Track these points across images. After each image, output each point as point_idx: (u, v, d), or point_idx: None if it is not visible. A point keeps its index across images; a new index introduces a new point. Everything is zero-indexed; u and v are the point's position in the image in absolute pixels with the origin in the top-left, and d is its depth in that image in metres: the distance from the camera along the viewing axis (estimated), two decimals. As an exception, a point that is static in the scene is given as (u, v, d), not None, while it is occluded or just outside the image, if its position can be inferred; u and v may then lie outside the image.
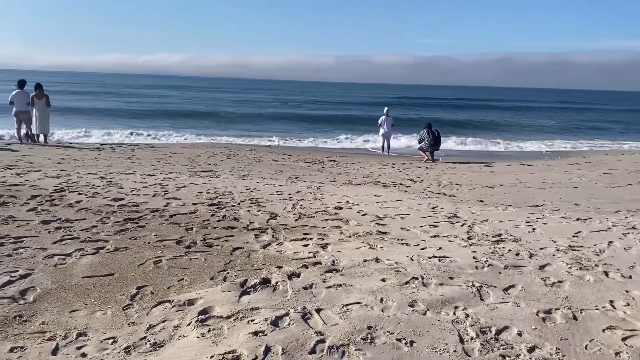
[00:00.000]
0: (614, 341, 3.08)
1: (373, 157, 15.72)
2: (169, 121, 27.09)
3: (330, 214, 6.45)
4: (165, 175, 9.13)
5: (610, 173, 12.24)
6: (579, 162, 14.86)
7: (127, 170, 9.62)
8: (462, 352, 2.87)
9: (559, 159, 16.36)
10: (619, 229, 6.15)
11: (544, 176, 11.80)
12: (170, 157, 12.19)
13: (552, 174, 12.19)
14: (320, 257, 4.62)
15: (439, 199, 8.13)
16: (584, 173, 12.31)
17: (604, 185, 10.51)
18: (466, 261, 4.59)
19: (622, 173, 12.21)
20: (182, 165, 10.91)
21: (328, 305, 3.49)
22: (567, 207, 7.82)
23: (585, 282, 4.16)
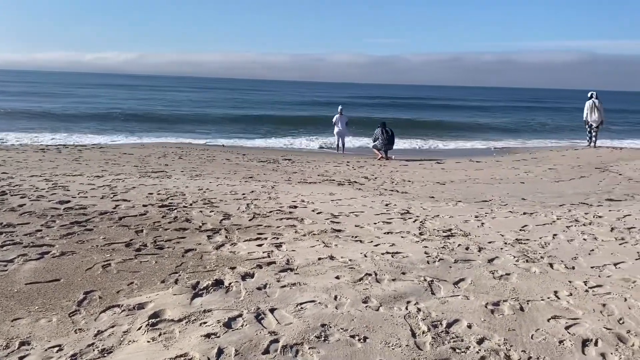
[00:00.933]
0: (558, 330, 3.20)
1: (328, 156, 15.79)
2: (117, 123, 26.16)
3: (285, 213, 6.43)
4: (114, 176, 8.87)
5: (555, 168, 12.72)
6: (525, 158, 15.37)
7: (74, 172, 9.30)
8: (414, 346, 2.92)
9: (507, 156, 16.88)
10: (562, 222, 6.39)
11: (492, 172, 12.15)
12: (119, 158, 11.86)
13: (500, 170, 12.57)
14: (275, 256, 4.60)
15: (392, 196, 8.24)
16: (530, 169, 12.75)
17: (549, 180, 10.92)
18: (418, 256, 4.67)
19: (565, 168, 12.72)
20: (132, 165, 10.64)
21: (282, 304, 3.48)
22: (514, 202, 8.08)
23: (532, 274, 4.31)
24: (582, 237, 5.60)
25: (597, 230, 5.97)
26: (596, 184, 10.20)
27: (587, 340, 3.06)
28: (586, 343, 3.03)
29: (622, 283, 4.11)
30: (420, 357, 2.79)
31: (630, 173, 11.73)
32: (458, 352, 2.87)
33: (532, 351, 2.90)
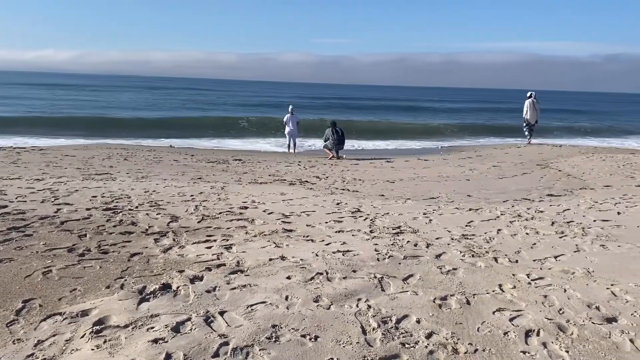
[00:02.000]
0: (502, 322, 3.31)
1: (279, 156, 15.73)
2: (56, 125, 24.84)
3: (235, 214, 6.36)
4: (55, 179, 8.52)
5: (498, 165, 13.15)
6: (470, 156, 15.82)
7: (12, 175, 8.86)
8: (365, 343, 2.94)
9: (453, 154, 17.32)
10: (506, 217, 6.62)
11: (439, 170, 12.43)
12: (61, 160, 11.40)
13: (447, 168, 12.88)
14: (225, 258, 4.53)
15: (343, 195, 8.29)
16: (475, 166, 13.12)
17: (493, 177, 11.27)
18: (368, 254, 4.72)
19: (509, 165, 13.17)
20: (75, 168, 10.24)
21: (232, 307, 3.43)
22: (461, 199, 8.30)
23: (477, 268, 4.43)
24: (524, 232, 5.81)
25: (538, 224, 6.21)
26: (537, 180, 10.62)
27: (530, 331, 3.18)
28: (529, 333, 3.14)
29: (562, 275, 4.29)
30: (370, 354, 2.82)
31: (569, 169, 12.28)
32: (407, 347, 2.91)
33: (478, 343, 2.98)
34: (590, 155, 15.20)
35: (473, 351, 2.89)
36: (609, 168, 12.32)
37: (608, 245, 5.26)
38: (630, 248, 5.16)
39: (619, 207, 7.43)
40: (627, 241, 5.42)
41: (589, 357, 2.86)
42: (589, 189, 9.35)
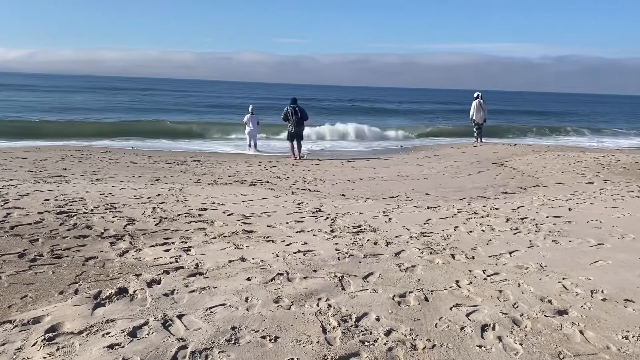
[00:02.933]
0: (459, 317, 3.38)
1: (239, 156, 15.59)
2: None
3: (193, 216, 6.26)
4: (5, 182, 8.20)
5: (455, 164, 13.43)
6: (429, 156, 16.10)
7: (-43, 179, 8.48)
8: (325, 342, 2.95)
9: (412, 153, 17.59)
10: (463, 215, 6.76)
11: (399, 169, 12.60)
12: (10, 162, 10.97)
13: (406, 167, 13.07)
14: (183, 261, 4.46)
15: (304, 195, 8.30)
16: (433, 165, 13.37)
17: (450, 175, 11.51)
18: (329, 253, 4.74)
19: (465, 164, 13.47)
20: (26, 170, 9.88)
21: (191, 310, 3.38)
22: (419, 197, 8.43)
23: (435, 265, 4.51)
24: (480, 229, 5.95)
25: (494, 221, 6.37)
26: (493, 178, 10.90)
27: (486, 325, 3.25)
28: (485, 328, 3.22)
29: (516, 270, 4.42)
30: (330, 353, 2.83)
31: (523, 167, 12.65)
32: (367, 344, 2.94)
33: (436, 339, 3.04)
34: (543, 154, 15.70)
35: (431, 347, 2.94)
36: (560, 166, 12.76)
37: (560, 240, 5.45)
38: (581, 243, 5.36)
39: (570, 203, 7.71)
40: (577, 236, 5.62)
41: (541, 349, 2.95)
42: (542, 187, 9.66)
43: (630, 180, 10.42)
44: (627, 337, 3.12)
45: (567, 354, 2.90)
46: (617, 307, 3.60)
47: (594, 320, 3.37)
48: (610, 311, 3.53)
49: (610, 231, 5.88)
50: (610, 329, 3.23)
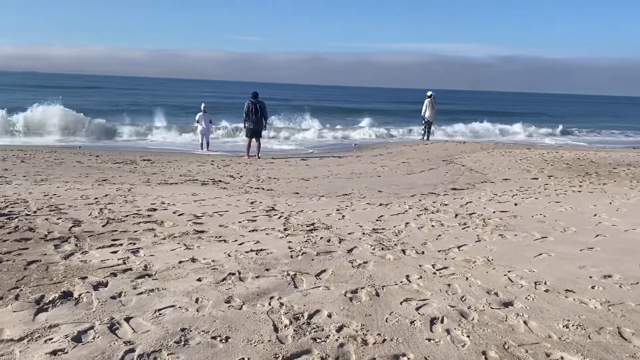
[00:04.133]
0: (409, 311, 3.44)
1: (191, 155, 15.31)
2: None
3: (143, 216, 6.11)
4: (-61, 184, 7.75)
5: (407, 162, 13.65)
6: (382, 153, 16.30)
7: None
8: (276, 341, 2.94)
9: (366, 151, 17.76)
10: (414, 211, 6.89)
11: (352, 167, 12.70)
12: (-54, 164, 10.40)
13: (360, 165, 13.19)
14: (131, 263, 4.34)
15: (257, 194, 8.23)
16: (386, 163, 13.54)
17: (402, 173, 11.69)
18: (282, 252, 4.72)
19: (417, 161, 13.72)
20: (-37, 172, 9.38)
21: (139, 312, 3.30)
22: (372, 194, 8.53)
23: (387, 260, 4.58)
24: (430, 224, 6.08)
25: (443, 217, 6.52)
26: (443, 175, 11.15)
27: (435, 319, 3.33)
28: (434, 321, 3.29)
29: (464, 264, 4.54)
30: (282, 351, 2.82)
31: (471, 164, 13.00)
32: (318, 341, 2.95)
33: (386, 334, 3.08)
34: (490, 151, 16.19)
35: (381, 341, 2.97)
36: (507, 163, 13.18)
37: (506, 234, 5.63)
38: (525, 236, 5.56)
39: (515, 198, 7.98)
40: (522, 230, 5.82)
41: (487, 340, 3.04)
42: (490, 183, 9.95)
43: (572, 175, 10.88)
44: (568, 325, 3.26)
45: (511, 344, 3.00)
46: (559, 298, 3.75)
47: (537, 310, 3.50)
48: (553, 301, 3.67)
49: (553, 225, 6.12)
50: (552, 319, 3.36)
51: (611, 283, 4.08)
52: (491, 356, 2.85)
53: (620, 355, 2.89)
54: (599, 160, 14.06)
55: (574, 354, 2.88)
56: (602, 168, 12.26)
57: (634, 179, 10.35)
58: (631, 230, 5.89)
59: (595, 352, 2.91)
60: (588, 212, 6.91)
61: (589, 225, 6.10)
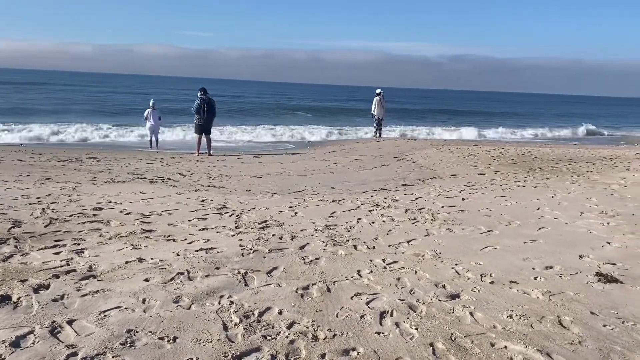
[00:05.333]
0: (359, 306, 3.47)
1: (140, 153, 14.92)
2: None
3: (88, 216, 5.91)
4: None
5: (360, 159, 13.79)
6: (335, 150, 16.40)
7: None
8: (226, 340, 2.90)
9: (319, 148, 17.81)
10: (365, 207, 6.96)
11: (306, 164, 12.71)
12: None
13: (313, 162, 13.22)
14: (75, 264, 4.19)
15: (208, 192, 8.11)
16: (339, 160, 13.63)
17: (355, 169, 11.79)
18: (232, 250, 4.67)
19: (369, 158, 13.87)
20: None
21: (83, 314, 3.19)
22: (325, 191, 8.56)
23: (338, 256, 4.60)
24: (381, 220, 6.15)
25: (394, 212, 6.61)
26: (394, 171, 11.32)
27: (384, 312, 3.37)
28: (383, 315, 3.33)
29: (413, 258, 4.62)
30: (231, 350, 2.79)
31: (421, 161, 13.26)
32: (269, 339, 2.93)
33: (336, 329, 3.09)
34: (440, 148, 16.56)
35: (332, 336, 2.99)
36: (455, 159, 13.52)
37: (453, 228, 5.77)
38: (472, 230, 5.71)
39: (463, 193, 8.19)
40: (469, 224, 5.98)
41: (435, 332, 3.10)
42: (439, 178, 10.17)
43: (517, 171, 11.26)
44: (512, 316, 3.37)
45: (458, 335, 3.07)
46: (504, 289, 3.88)
47: (483, 302, 3.60)
48: (497, 293, 3.79)
49: (499, 219, 6.32)
50: (497, 310, 3.47)
51: (552, 274, 4.25)
52: (438, 347, 2.91)
53: (560, 343, 3.01)
54: (543, 156, 14.62)
55: (517, 343, 2.98)
56: (545, 163, 12.75)
57: (575, 173, 10.82)
58: (571, 223, 6.15)
59: (537, 341, 3.02)
60: (531, 206, 7.17)
61: (533, 219, 6.33)
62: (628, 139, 28.37)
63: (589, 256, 4.76)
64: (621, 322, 3.30)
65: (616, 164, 12.61)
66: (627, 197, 7.85)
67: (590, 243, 5.22)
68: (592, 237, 5.46)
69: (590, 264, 4.52)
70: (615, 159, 14.00)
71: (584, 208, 6.99)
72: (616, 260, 4.63)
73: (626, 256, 4.78)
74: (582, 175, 10.48)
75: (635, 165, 12.40)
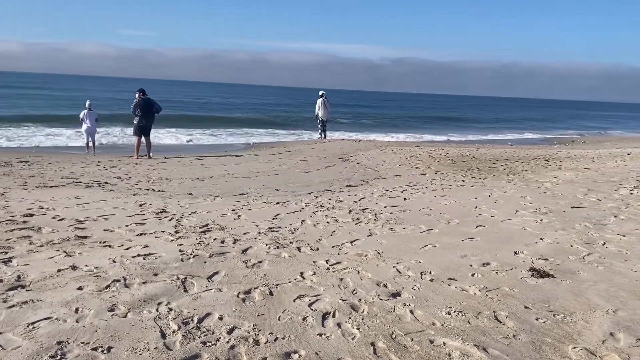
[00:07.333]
0: (302, 308, 3.45)
1: (75, 156, 14.31)
2: None
3: (17, 222, 5.60)
4: None
5: (305, 160, 13.80)
6: (280, 152, 16.35)
7: None
8: (163, 348, 2.81)
9: (264, 150, 17.70)
10: (310, 208, 6.96)
11: (250, 166, 12.59)
12: None
13: (258, 164, 13.11)
14: (2, 274, 3.95)
15: (147, 195, 7.88)
16: (284, 161, 13.59)
17: (300, 171, 11.79)
18: (172, 255, 4.55)
19: (314, 159, 13.91)
20: None
21: (9, 327, 3.00)
22: (269, 193, 8.50)
23: (282, 259, 4.57)
24: (325, 221, 6.17)
25: (338, 213, 6.65)
26: (339, 172, 11.40)
27: (327, 313, 3.37)
28: (325, 316, 3.33)
29: (356, 258, 4.65)
30: (169, 357, 2.70)
31: (365, 162, 13.42)
32: (208, 345, 2.86)
33: (278, 332, 3.06)
34: (383, 149, 16.83)
35: (273, 340, 2.95)
36: (398, 160, 13.78)
37: (395, 228, 5.86)
38: (413, 229, 5.82)
39: (405, 193, 8.34)
40: (410, 223, 6.09)
41: (376, 331, 3.13)
42: (382, 179, 10.33)
43: (456, 171, 11.60)
44: (450, 312, 3.45)
45: (398, 333, 3.11)
46: (442, 286, 3.96)
47: (423, 299, 3.66)
48: (437, 290, 3.87)
49: (439, 217, 6.47)
50: (436, 307, 3.54)
51: (489, 270, 4.39)
52: (379, 346, 2.93)
53: (496, 337, 3.10)
54: (480, 156, 15.13)
55: (454, 339, 3.05)
56: (482, 163, 13.20)
57: (510, 173, 11.26)
58: (507, 220, 6.38)
59: (474, 336, 3.10)
60: (469, 204, 7.39)
61: (470, 217, 6.52)
62: (560, 139, 29.86)
63: (523, 252, 4.95)
64: (552, 315, 3.44)
65: (549, 163, 13.22)
66: (559, 195, 8.23)
67: (525, 239, 5.43)
68: (526, 234, 5.68)
69: (525, 260, 4.70)
70: (549, 158, 14.68)
71: (519, 206, 7.28)
72: (548, 256, 4.84)
73: (557, 251, 5.01)
74: (517, 175, 10.91)
75: (566, 164, 13.05)
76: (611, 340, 3.08)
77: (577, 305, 3.63)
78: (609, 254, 4.92)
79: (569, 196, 8.07)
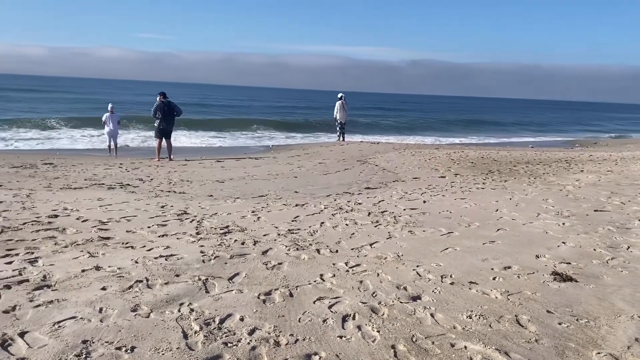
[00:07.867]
0: (322, 310, 3.46)
1: (98, 158, 14.56)
2: None
3: (42, 224, 5.71)
4: None
5: (324, 162, 13.82)
6: (299, 154, 16.39)
7: None
8: (186, 348, 2.84)
9: (283, 152, 17.78)
10: (329, 211, 6.97)
11: (269, 168, 12.65)
12: None
13: (277, 166, 13.17)
14: (28, 273, 4.04)
15: (168, 197, 7.98)
16: (302, 163, 13.62)
17: (318, 173, 11.81)
18: (193, 256, 4.59)
19: (333, 162, 13.92)
20: None
21: (35, 326, 3.07)
22: (288, 195, 8.54)
23: (301, 260, 4.59)
24: (344, 223, 6.17)
25: (357, 215, 6.64)
26: (357, 175, 11.39)
27: (347, 316, 3.37)
28: (346, 318, 3.33)
29: (375, 260, 4.64)
30: (191, 358, 2.74)
31: (384, 164, 13.39)
32: (230, 346, 2.89)
33: (299, 334, 3.08)
34: (402, 151, 16.77)
35: (294, 342, 2.97)
36: (417, 162, 13.71)
37: (415, 230, 5.84)
38: (433, 232, 5.79)
39: (424, 196, 8.30)
40: (430, 226, 6.06)
41: (397, 334, 3.12)
42: (401, 181, 10.29)
43: (476, 173, 11.50)
44: (471, 316, 3.42)
45: (419, 336, 3.10)
46: (463, 290, 3.94)
47: (443, 303, 3.65)
48: (457, 293, 3.85)
49: (459, 220, 6.43)
50: (457, 310, 3.52)
51: (510, 274, 4.35)
52: (400, 349, 2.93)
53: (517, 341, 3.07)
54: (501, 158, 14.98)
55: (476, 343, 3.03)
56: (503, 166, 13.07)
57: (532, 175, 11.13)
58: (528, 223, 6.31)
59: (495, 340, 3.08)
60: (490, 207, 7.33)
61: (491, 220, 6.47)
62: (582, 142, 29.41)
63: (545, 256, 4.89)
64: (575, 320, 3.40)
65: (571, 166, 13.03)
66: (582, 198, 8.11)
67: (547, 243, 5.36)
68: (548, 237, 5.61)
69: (547, 264, 4.64)
70: (570, 161, 14.48)
71: (541, 209, 7.19)
72: (571, 260, 4.77)
73: (580, 255, 4.94)
74: (539, 177, 10.78)
75: (588, 167, 12.85)
76: (636, 346, 3.03)
77: (601, 310, 3.57)
78: (633, 258, 4.84)
79: (592, 199, 7.94)
